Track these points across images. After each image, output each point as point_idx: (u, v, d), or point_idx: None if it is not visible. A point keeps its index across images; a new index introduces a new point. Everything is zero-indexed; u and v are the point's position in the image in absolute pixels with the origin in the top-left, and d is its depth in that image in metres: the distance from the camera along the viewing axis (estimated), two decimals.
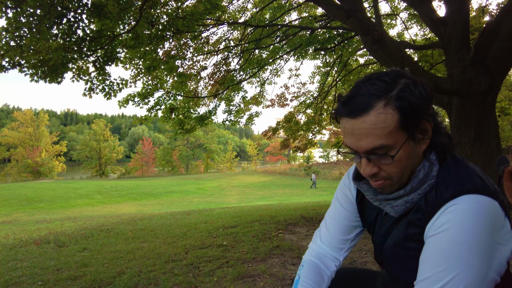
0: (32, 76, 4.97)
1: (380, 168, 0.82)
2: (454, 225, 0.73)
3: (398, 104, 0.76)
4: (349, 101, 0.81)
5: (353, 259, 3.50)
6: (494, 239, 0.73)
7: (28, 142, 43.82)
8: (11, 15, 4.18)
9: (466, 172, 0.80)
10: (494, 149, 4.57)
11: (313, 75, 11.41)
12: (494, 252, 0.72)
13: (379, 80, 0.80)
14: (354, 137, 0.80)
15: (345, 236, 1.07)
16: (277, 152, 47.46)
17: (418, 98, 0.78)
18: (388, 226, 0.94)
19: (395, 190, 0.85)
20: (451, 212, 0.74)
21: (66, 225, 8.20)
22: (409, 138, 0.79)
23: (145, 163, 49.68)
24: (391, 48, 4.39)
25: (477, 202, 0.73)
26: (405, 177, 0.83)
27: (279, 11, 8.89)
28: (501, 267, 0.74)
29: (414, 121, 0.78)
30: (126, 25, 5.56)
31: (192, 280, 2.98)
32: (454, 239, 0.72)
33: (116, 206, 19.44)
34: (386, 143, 0.77)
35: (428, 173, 0.82)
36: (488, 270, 0.72)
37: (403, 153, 0.79)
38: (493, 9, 8.03)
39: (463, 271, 0.71)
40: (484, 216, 0.72)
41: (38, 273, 3.58)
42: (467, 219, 0.72)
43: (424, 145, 0.83)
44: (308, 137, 12.12)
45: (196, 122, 8.81)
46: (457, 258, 0.71)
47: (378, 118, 0.76)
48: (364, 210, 1.04)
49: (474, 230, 0.71)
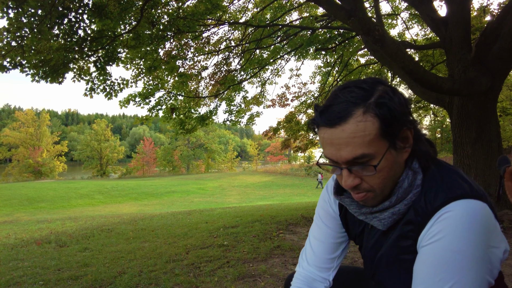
0: (33, 76, 4.98)
1: (362, 179, 0.79)
2: (448, 234, 0.71)
3: (377, 111, 0.74)
4: (326, 110, 0.77)
5: (353, 259, 3.50)
6: (488, 244, 0.72)
7: (30, 142, 43.91)
8: (13, 16, 4.19)
9: (452, 178, 0.78)
10: (495, 149, 4.56)
11: (314, 75, 11.41)
12: (489, 257, 0.72)
13: (357, 87, 0.77)
14: (334, 147, 0.77)
15: (332, 255, 1.04)
16: (278, 152, 47.47)
17: (398, 105, 0.76)
18: (376, 239, 0.91)
19: (379, 203, 0.82)
20: (444, 220, 0.72)
21: (67, 225, 8.21)
22: (391, 146, 0.76)
23: (146, 163, 49.74)
24: (392, 48, 4.38)
25: (469, 207, 0.72)
26: (387, 188, 0.80)
27: (280, 11, 8.89)
28: (495, 269, 0.74)
29: (394, 128, 0.75)
30: (127, 25, 5.57)
31: (193, 280, 2.99)
32: (450, 248, 0.71)
33: (117, 206, 19.46)
34: (368, 152, 0.74)
35: (412, 182, 0.80)
36: (484, 275, 0.71)
37: (385, 163, 0.76)
38: (494, 9, 8.03)
39: (460, 280, 0.69)
40: (477, 222, 0.71)
41: (39, 272, 3.59)
42: (461, 226, 0.70)
43: (406, 154, 0.80)
44: (309, 137, 12.11)
45: (197, 122, 8.82)
46: (453, 267, 0.70)
47: (357, 126, 0.73)
48: (348, 224, 1.00)
49: (469, 238, 0.70)
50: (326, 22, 8.40)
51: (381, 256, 0.89)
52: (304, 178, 33.96)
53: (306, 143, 12.20)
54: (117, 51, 5.67)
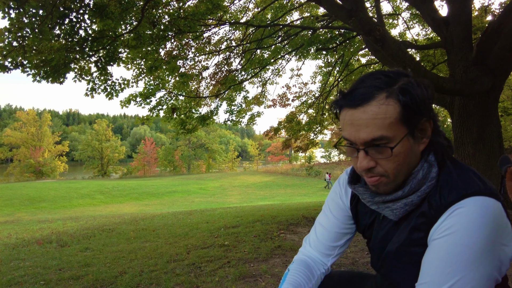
0: (34, 76, 4.99)
1: (377, 163, 0.80)
2: (460, 228, 0.72)
3: (400, 97, 0.76)
4: (351, 93, 0.80)
5: (354, 259, 3.49)
6: (499, 241, 0.72)
7: (31, 142, 43.97)
8: (14, 16, 4.20)
9: (468, 175, 0.80)
10: (496, 149, 4.55)
11: (314, 75, 11.40)
12: (498, 254, 0.72)
13: (383, 74, 0.80)
14: (354, 128, 0.79)
15: (334, 243, 1.07)
16: (278, 152, 47.44)
17: (420, 95, 0.78)
18: (386, 231, 0.91)
19: (390, 190, 0.83)
20: (457, 215, 0.73)
21: (68, 225, 8.22)
22: (409, 133, 0.78)
23: (147, 163, 49.75)
24: (393, 48, 4.38)
25: (482, 204, 0.73)
26: (401, 176, 0.81)
27: (281, 11, 8.89)
28: (504, 267, 0.74)
29: (414, 116, 0.78)
30: (128, 25, 5.58)
31: (193, 280, 2.99)
32: (460, 242, 0.72)
33: (118, 206, 19.48)
34: (386, 135, 0.76)
35: (427, 174, 0.81)
36: (493, 271, 0.72)
37: (402, 148, 0.78)
38: (496, 9, 8.01)
39: (468, 274, 0.70)
40: (489, 218, 0.72)
41: (40, 272, 3.60)
42: (473, 222, 0.71)
43: (423, 145, 0.82)
44: (309, 137, 12.11)
45: (198, 122, 8.82)
46: (462, 261, 0.71)
47: (379, 109, 0.76)
48: (359, 216, 1.02)
49: (480, 233, 0.71)
50: (327, 22, 8.39)
51: (390, 248, 0.89)
52: (305, 178, 33.94)
53: (307, 143, 12.20)
54: (118, 51, 5.67)
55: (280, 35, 8.96)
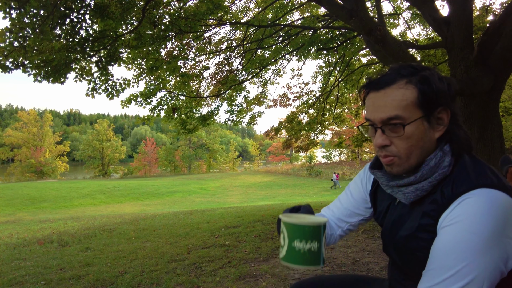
0: (35, 76, 5.00)
1: (392, 142, 0.86)
2: (467, 217, 0.74)
3: (419, 84, 0.83)
4: (376, 79, 0.88)
5: (355, 259, 3.49)
6: (506, 233, 0.73)
7: (32, 142, 44.03)
8: (15, 16, 4.21)
9: (483, 169, 0.82)
10: (497, 149, 4.54)
11: (315, 75, 11.39)
12: (505, 246, 0.73)
13: (409, 66, 0.87)
14: (374, 108, 0.87)
15: (345, 218, 1.16)
16: (279, 152, 47.42)
17: (439, 85, 0.84)
18: (399, 215, 0.96)
19: (403, 171, 0.88)
20: (466, 204, 0.76)
21: (69, 225, 8.23)
22: (424, 117, 0.84)
23: (147, 163, 49.80)
24: (393, 48, 4.38)
25: (491, 195, 0.75)
26: (413, 158, 0.86)
27: (282, 11, 8.89)
28: (510, 261, 0.75)
29: (431, 103, 0.83)
30: (128, 25, 5.58)
31: (194, 280, 2.99)
32: (467, 229, 0.74)
33: (119, 206, 19.50)
34: (401, 115, 0.83)
35: (440, 162, 0.85)
36: (498, 262, 0.73)
37: (415, 129, 0.84)
38: (497, 9, 7.99)
39: (474, 261, 0.72)
40: (497, 210, 0.73)
41: (41, 272, 3.60)
42: (481, 211, 0.74)
43: (438, 133, 0.86)
44: (310, 137, 12.10)
45: (199, 122, 8.82)
46: (469, 248, 0.73)
47: (398, 91, 0.84)
48: (377, 201, 1.09)
49: (488, 222, 0.72)
50: (328, 22, 8.39)
51: (402, 233, 0.92)
52: (305, 178, 33.92)
53: (307, 143, 12.20)
54: (118, 51, 5.68)
55: (281, 35, 8.96)
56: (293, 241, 0.80)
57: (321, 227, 0.81)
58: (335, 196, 4.97)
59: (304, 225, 0.80)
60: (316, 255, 0.81)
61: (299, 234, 0.80)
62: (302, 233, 0.80)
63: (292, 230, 0.81)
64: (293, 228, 0.81)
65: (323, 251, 0.82)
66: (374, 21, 4.81)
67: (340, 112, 12.28)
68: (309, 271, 2.99)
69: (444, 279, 0.74)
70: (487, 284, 0.72)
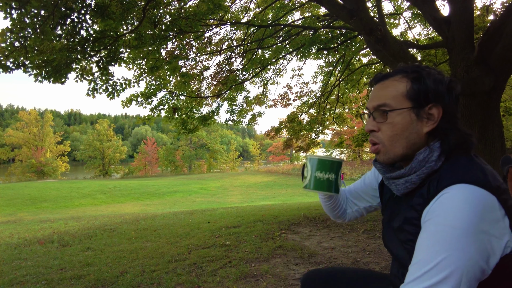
0: (36, 77, 5.00)
1: (379, 128, 0.92)
2: (444, 211, 0.77)
3: (412, 79, 0.89)
4: (381, 73, 0.97)
5: (356, 259, 3.49)
6: (486, 230, 0.74)
7: (33, 142, 44.05)
8: (16, 16, 4.21)
9: (472, 167, 0.82)
10: (498, 149, 4.53)
11: (316, 75, 11.39)
12: (485, 243, 0.74)
13: (414, 65, 0.93)
14: (371, 98, 0.95)
15: (354, 200, 1.27)
16: (279, 152, 47.41)
17: (433, 83, 0.88)
18: (394, 208, 1.01)
19: (389, 160, 0.93)
20: (443, 199, 0.78)
21: (70, 225, 8.24)
22: (412, 109, 0.88)
23: (148, 163, 49.81)
24: (394, 48, 4.38)
25: (468, 190, 0.77)
26: (397, 147, 0.91)
27: (282, 11, 8.88)
28: (493, 259, 0.76)
29: (422, 97, 0.87)
30: (129, 25, 5.59)
31: (195, 279, 2.99)
32: (442, 223, 0.76)
33: (119, 206, 19.51)
34: (389, 103, 0.90)
35: (427, 157, 0.87)
36: (477, 257, 0.73)
37: (401, 118, 0.89)
38: (498, 8, 7.97)
39: (453, 254, 0.73)
40: (472, 204, 0.75)
41: (42, 272, 3.61)
42: (456, 204, 0.76)
43: (427, 128, 0.89)
44: (311, 137, 12.10)
45: (199, 122, 8.82)
46: (447, 241, 0.74)
47: (392, 83, 0.91)
48: (383, 193, 1.14)
49: (461, 216, 0.74)
50: (328, 22, 8.39)
51: (394, 224, 0.98)
52: None
53: (308, 143, 12.19)
54: (119, 51, 5.68)
55: (281, 35, 8.96)
56: (315, 172, 1.03)
57: (337, 162, 1.04)
58: None
59: (325, 159, 1.03)
60: (332, 184, 1.04)
61: (320, 166, 1.03)
62: (323, 166, 1.03)
63: (316, 163, 1.04)
64: (316, 162, 1.04)
65: (338, 182, 1.05)
66: (375, 21, 4.80)
67: (341, 112, 12.28)
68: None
69: (424, 273, 0.75)
70: (466, 279, 0.73)
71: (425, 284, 0.74)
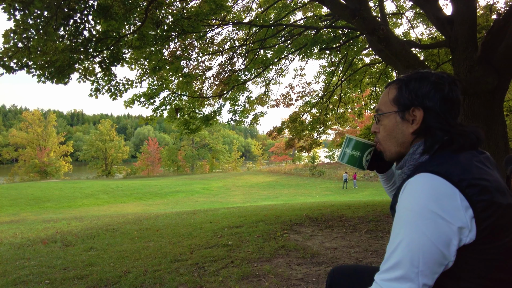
0: (39, 77, 5.02)
1: (379, 130, 1.07)
2: (405, 196, 0.86)
3: (401, 86, 1.00)
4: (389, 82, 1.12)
5: (358, 259, 3.49)
6: (440, 214, 0.78)
7: (36, 142, 44.27)
8: (19, 17, 4.23)
9: (446, 161, 0.88)
10: (501, 149, 4.51)
11: (318, 74, 11.37)
12: (439, 224, 0.78)
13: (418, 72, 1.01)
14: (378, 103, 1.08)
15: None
16: (282, 152, 47.39)
17: (417, 89, 0.96)
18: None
19: (389, 157, 1.07)
20: (407, 186, 0.87)
21: (73, 225, 8.27)
22: (397, 112, 1.00)
23: (150, 163, 49.94)
24: (396, 47, 4.36)
25: (425, 178, 0.84)
26: (390, 146, 1.04)
27: (284, 11, 8.87)
28: (453, 246, 0.79)
29: (403, 102, 0.99)
30: (131, 26, 5.60)
31: (197, 279, 2.99)
32: (403, 206, 0.85)
33: (122, 205, 19.57)
34: (381, 108, 1.05)
35: (412, 156, 0.99)
36: (434, 238, 0.78)
37: (388, 121, 1.03)
38: (501, 7, 7.93)
39: (409, 235, 0.80)
40: (426, 188, 0.82)
41: (45, 272, 3.62)
42: (413, 189, 0.84)
43: (411, 128, 0.98)
44: (313, 137, 12.08)
45: (201, 122, 8.83)
46: (404, 222, 0.83)
47: (389, 90, 1.04)
48: None
49: (415, 199, 0.82)
50: (331, 21, 8.37)
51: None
52: (308, 178, 33.87)
53: (310, 143, 12.17)
54: (122, 51, 5.70)
55: (283, 35, 8.95)
56: (345, 148, 1.25)
57: (362, 143, 1.22)
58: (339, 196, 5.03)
59: (354, 139, 1.23)
60: (357, 160, 1.22)
61: (349, 144, 1.24)
62: (350, 143, 1.24)
63: (347, 141, 1.25)
64: (347, 140, 1.25)
65: (363, 160, 1.23)
66: (377, 20, 4.79)
67: (343, 112, 12.26)
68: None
69: (390, 254, 0.83)
70: (424, 260, 0.78)
71: (388, 265, 0.82)
